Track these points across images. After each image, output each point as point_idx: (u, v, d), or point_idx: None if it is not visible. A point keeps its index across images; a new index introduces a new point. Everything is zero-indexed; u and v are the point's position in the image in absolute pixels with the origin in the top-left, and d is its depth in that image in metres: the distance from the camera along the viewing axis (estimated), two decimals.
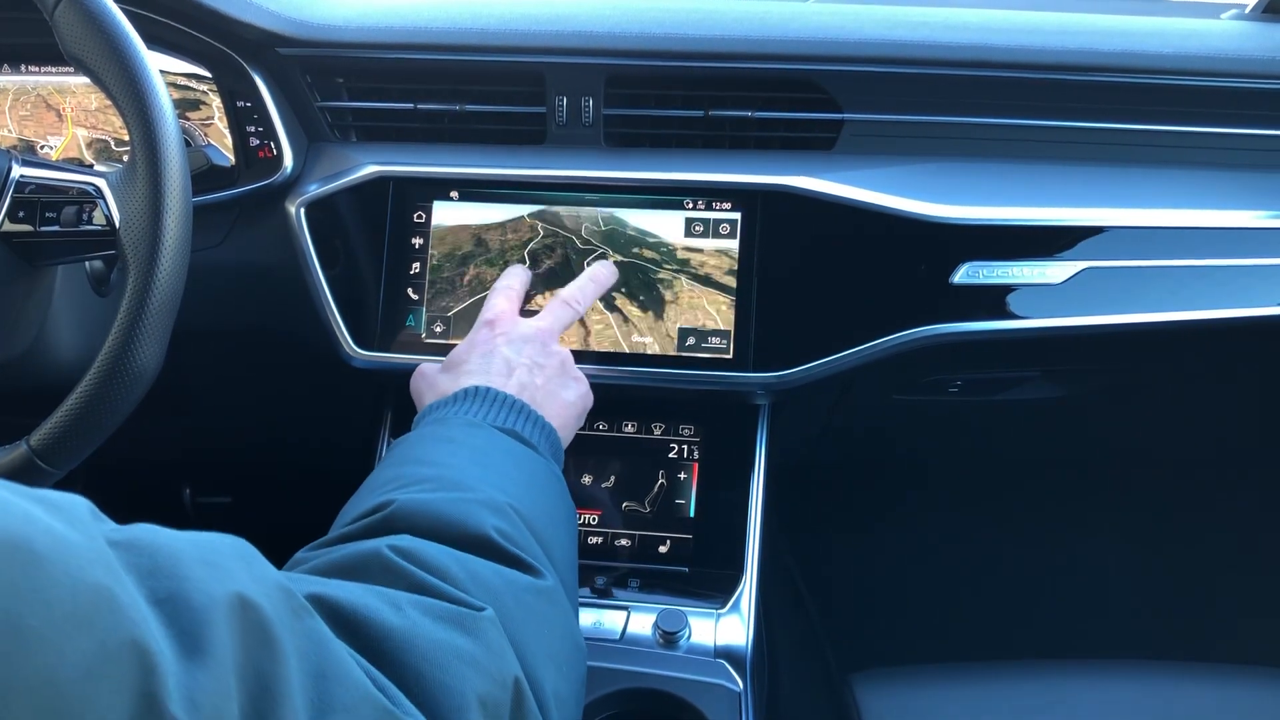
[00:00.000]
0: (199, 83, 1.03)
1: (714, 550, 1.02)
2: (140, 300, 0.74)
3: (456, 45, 1.03)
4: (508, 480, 0.71)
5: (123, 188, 0.77)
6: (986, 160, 1.06)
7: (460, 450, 0.73)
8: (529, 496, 0.71)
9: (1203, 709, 1.03)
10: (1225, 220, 1.04)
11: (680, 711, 0.88)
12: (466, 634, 0.54)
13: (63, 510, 0.38)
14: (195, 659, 0.38)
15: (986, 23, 1.04)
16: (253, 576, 0.44)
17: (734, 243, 1.02)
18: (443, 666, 0.51)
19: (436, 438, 0.75)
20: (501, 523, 0.65)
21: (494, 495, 0.67)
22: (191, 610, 0.39)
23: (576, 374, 0.91)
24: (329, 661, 0.45)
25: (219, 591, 0.41)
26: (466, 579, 0.58)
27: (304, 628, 0.45)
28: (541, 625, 0.61)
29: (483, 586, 0.59)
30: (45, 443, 0.76)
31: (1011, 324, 1.02)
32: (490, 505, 0.66)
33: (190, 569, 0.41)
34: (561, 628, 0.64)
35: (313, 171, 1.06)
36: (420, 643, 0.51)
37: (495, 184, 1.05)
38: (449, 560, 0.59)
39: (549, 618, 0.62)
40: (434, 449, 0.73)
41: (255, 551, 0.47)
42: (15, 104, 1.06)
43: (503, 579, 0.61)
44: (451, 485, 0.67)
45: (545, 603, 0.63)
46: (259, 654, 0.41)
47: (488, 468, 0.71)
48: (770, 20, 1.03)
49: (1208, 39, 1.05)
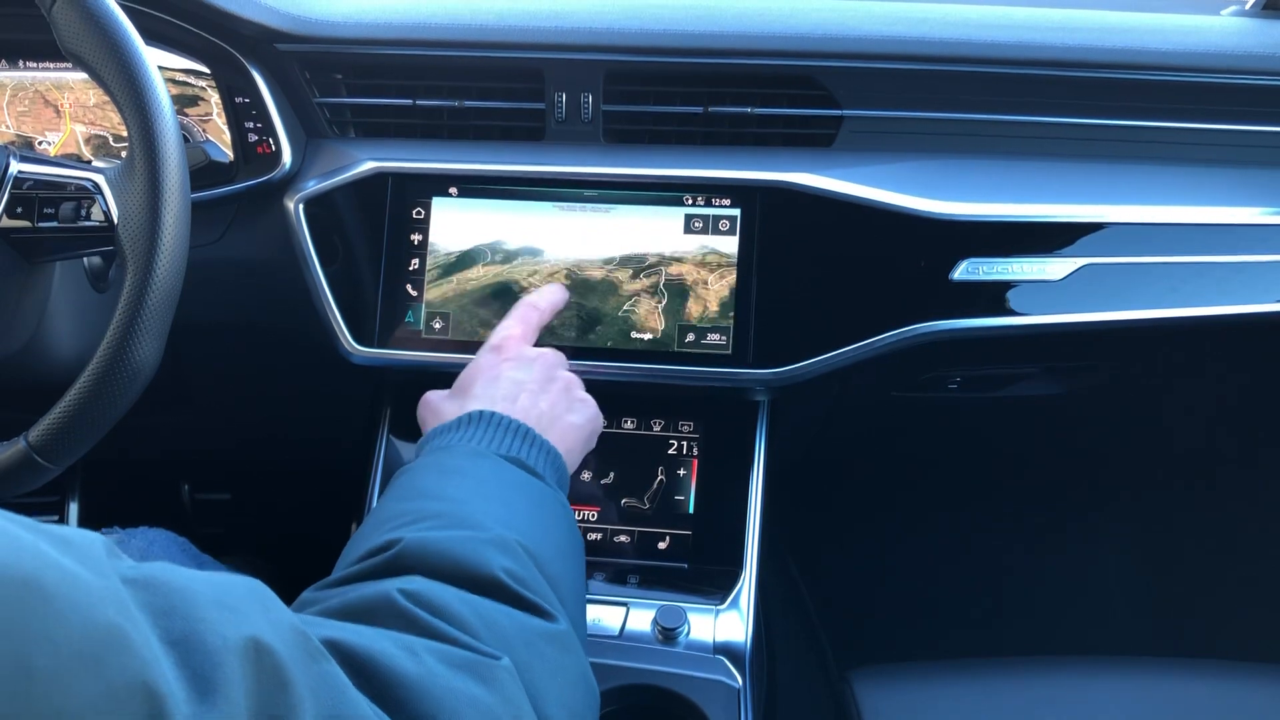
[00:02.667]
0: (197, 79, 1.02)
1: (713, 547, 1.02)
2: (138, 296, 0.74)
3: (455, 41, 1.03)
4: (515, 514, 0.70)
5: (121, 184, 0.77)
6: (986, 156, 1.06)
7: (466, 482, 0.72)
8: (537, 531, 0.70)
9: (1202, 706, 1.03)
10: (1225, 217, 1.04)
11: (679, 708, 0.88)
12: (482, 683, 0.53)
13: (74, 547, 0.38)
14: (207, 701, 0.38)
15: (986, 19, 1.04)
16: (269, 620, 0.43)
17: (733, 239, 1.02)
18: (458, 715, 0.50)
19: (442, 468, 0.74)
20: (511, 563, 0.64)
21: (503, 533, 0.66)
22: (205, 652, 0.39)
23: (584, 396, 0.90)
24: (344, 707, 0.45)
25: (233, 634, 0.40)
26: (480, 625, 0.58)
27: (319, 672, 0.45)
28: (556, 673, 0.60)
29: (496, 633, 0.58)
30: (44, 439, 0.76)
31: (1011, 320, 1.02)
32: (499, 544, 0.65)
33: (206, 610, 0.41)
34: (575, 673, 0.63)
35: (311, 168, 1.06)
36: (436, 691, 0.51)
37: (494, 180, 1.04)
38: (461, 605, 0.58)
39: (563, 665, 0.62)
40: (439, 481, 0.72)
41: (272, 594, 0.46)
42: (13, 100, 1.05)
43: (515, 624, 0.60)
44: (459, 522, 0.66)
45: (559, 649, 0.62)
46: (273, 698, 0.41)
47: (494, 500, 0.70)
48: (769, 16, 1.03)
49: (1208, 35, 1.05)
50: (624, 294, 1.02)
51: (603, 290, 1.02)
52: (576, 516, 1.03)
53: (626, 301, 1.02)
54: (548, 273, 1.03)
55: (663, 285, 1.02)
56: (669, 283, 1.02)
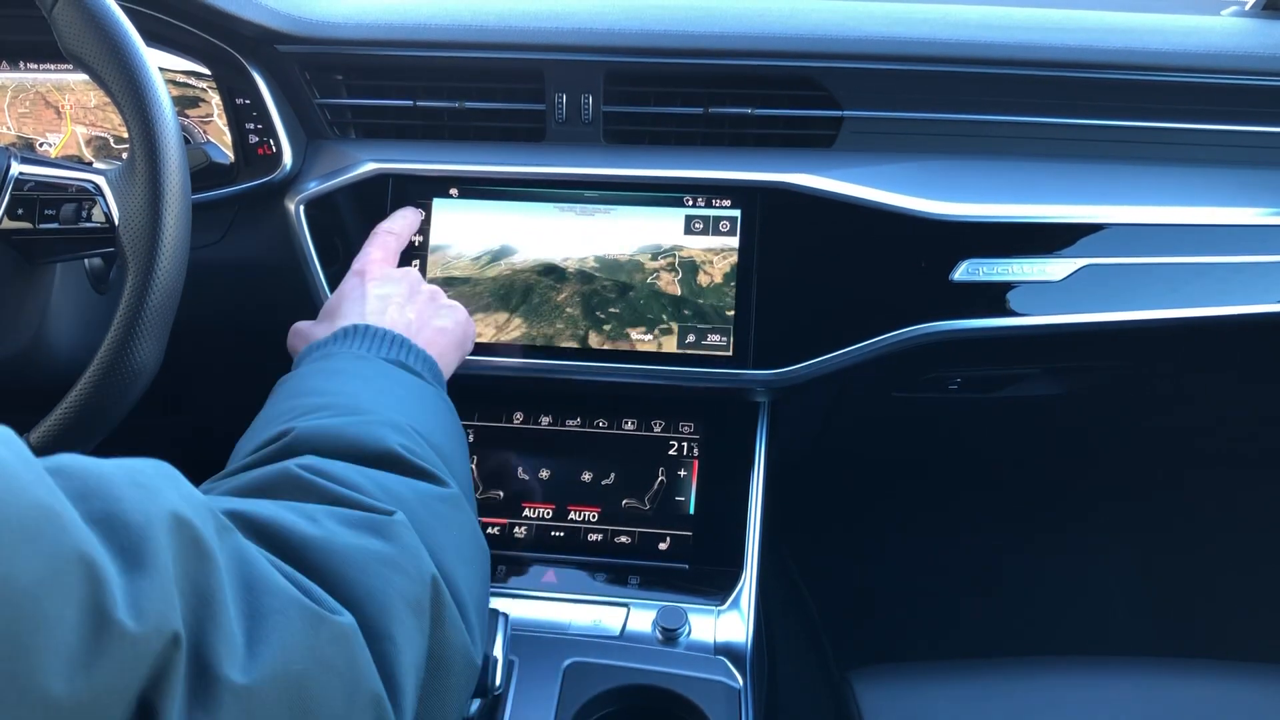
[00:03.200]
0: (198, 80, 1.02)
1: (714, 547, 1.02)
2: (139, 298, 0.74)
3: (456, 42, 1.03)
4: (402, 404, 0.72)
5: (122, 185, 0.77)
6: (986, 157, 1.06)
7: (351, 380, 0.74)
8: (424, 417, 0.72)
9: (1202, 707, 1.03)
10: (1225, 217, 1.04)
11: (680, 708, 0.88)
12: (381, 538, 0.56)
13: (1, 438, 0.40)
14: (137, 571, 0.40)
15: (986, 19, 1.04)
16: (181, 495, 0.45)
17: (734, 240, 1.02)
18: (364, 569, 0.53)
19: (325, 371, 0.75)
20: (404, 439, 0.66)
21: (393, 416, 0.68)
22: (129, 528, 0.41)
23: (450, 303, 0.92)
24: (254, 572, 0.47)
25: (154, 510, 0.42)
26: (376, 490, 0.60)
27: (232, 543, 0.47)
28: (450, 528, 0.63)
29: (392, 496, 0.60)
30: (44, 440, 0.76)
31: (1011, 321, 1.02)
32: (391, 424, 0.67)
33: (122, 490, 0.42)
34: (468, 529, 0.66)
35: (312, 169, 1.06)
36: (339, 549, 0.53)
37: (495, 181, 1.05)
38: (356, 474, 0.61)
39: (456, 521, 0.64)
40: (324, 381, 0.73)
41: (178, 473, 0.48)
42: (14, 101, 1.05)
43: (410, 489, 0.63)
44: (350, 410, 0.68)
45: (451, 508, 0.65)
46: (195, 567, 0.43)
47: (382, 393, 0.72)
48: (770, 17, 1.03)
49: (1208, 36, 1.05)
50: (647, 270, 1.03)
51: (629, 268, 1.03)
52: (577, 516, 1.04)
53: (649, 276, 1.02)
54: (544, 272, 1.03)
55: (663, 286, 1.02)
56: (669, 284, 1.02)
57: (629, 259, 1.03)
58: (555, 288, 1.04)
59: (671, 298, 1.02)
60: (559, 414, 1.08)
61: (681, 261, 1.02)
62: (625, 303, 1.03)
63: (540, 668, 0.88)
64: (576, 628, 0.96)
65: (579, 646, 0.91)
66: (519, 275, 1.04)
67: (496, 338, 1.04)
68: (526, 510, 1.05)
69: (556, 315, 1.03)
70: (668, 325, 1.02)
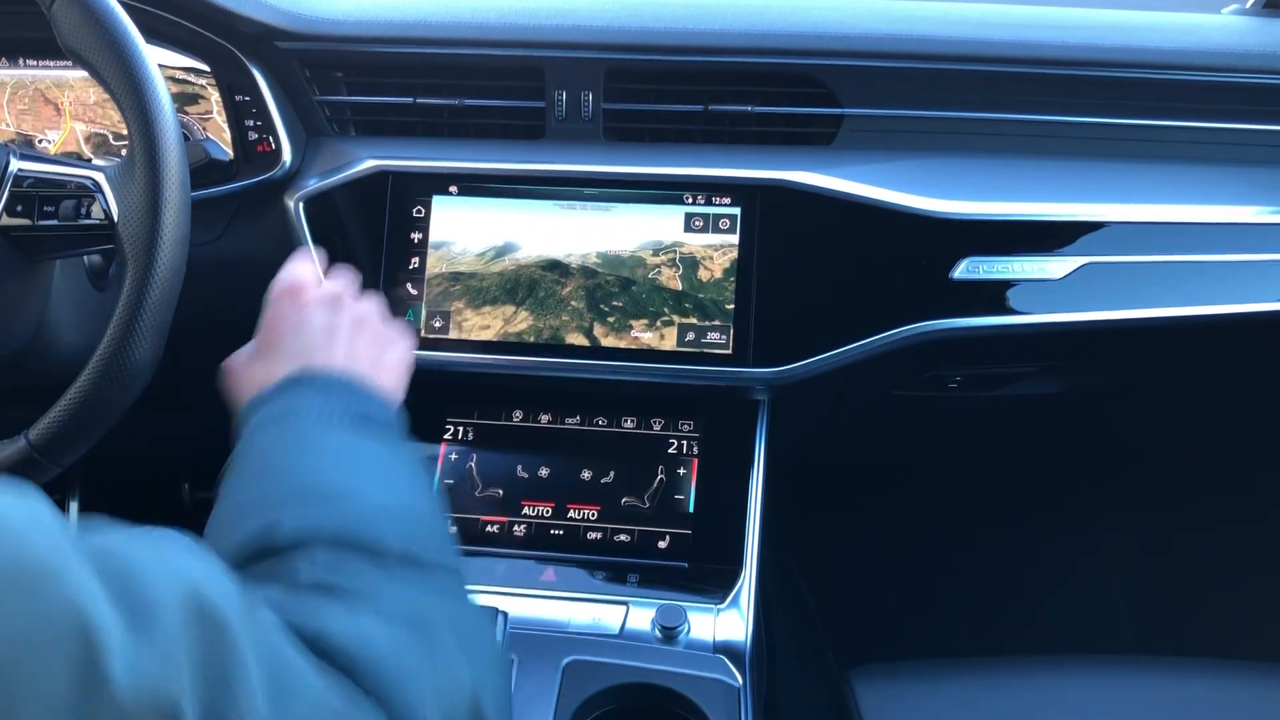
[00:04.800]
0: (197, 77, 1.02)
1: (713, 546, 1.02)
2: (139, 295, 0.74)
3: (456, 39, 1.03)
4: (386, 481, 0.65)
5: (121, 182, 0.77)
6: (986, 155, 1.05)
7: (323, 457, 0.65)
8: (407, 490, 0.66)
9: (1202, 706, 1.03)
10: (1226, 215, 1.04)
11: (679, 707, 0.87)
12: (419, 639, 0.53)
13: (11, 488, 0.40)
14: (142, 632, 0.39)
15: (986, 17, 1.04)
16: (205, 570, 0.45)
17: (734, 237, 1.02)
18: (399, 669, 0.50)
19: (287, 446, 0.66)
20: (401, 527, 0.61)
21: (384, 500, 0.63)
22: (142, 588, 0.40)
23: (392, 326, 0.84)
24: (283, 662, 0.45)
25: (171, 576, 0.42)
26: (396, 593, 0.56)
27: (256, 617, 0.46)
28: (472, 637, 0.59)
29: (413, 602, 0.57)
30: (44, 437, 0.76)
31: (1011, 319, 1.02)
32: (385, 513, 0.62)
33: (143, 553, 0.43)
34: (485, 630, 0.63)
35: (311, 166, 1.05)
36: (377, 647, 0.51)
37: (495, 179, 1.04)
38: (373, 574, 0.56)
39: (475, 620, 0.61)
40: (295, 459, 0.65)
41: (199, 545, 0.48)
42: (13, 98, 1.05)
43: (430, 589, 0.58)
44: (334, 497, 0.61)
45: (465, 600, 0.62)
46: (212, 643, 0.42)
47: (362, 471, 0.65)
48: (769, 14, 1.03)
49: (1208, 34, 1.05)
50: (648, 265, 1.03)
51: (631, 264, 1.03)
52: (576, 515, 1.03)
53: (650, 271, 1.02)
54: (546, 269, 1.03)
55: (663, 284, 1.02)
56: (669, 281, 1.02)
57: (630, 255, 1.03)
58: (560, 282, 1.04)
59: (673, 292, 1.02)
60: (558, 412, 1.08)
61: (682, 257, 1.02)
62: (628, 296, 1.03)
63: (539, 666, 0.88)
64: (576, 626, 0.95)
65: (578, 645, 0.91)
66: (524, 270, 1.04)
67: (504, 329, 1.04)
68: (526, 508, 1.04)
69: (562, 308, 1.03)
70: (670, 319, 1.02)
